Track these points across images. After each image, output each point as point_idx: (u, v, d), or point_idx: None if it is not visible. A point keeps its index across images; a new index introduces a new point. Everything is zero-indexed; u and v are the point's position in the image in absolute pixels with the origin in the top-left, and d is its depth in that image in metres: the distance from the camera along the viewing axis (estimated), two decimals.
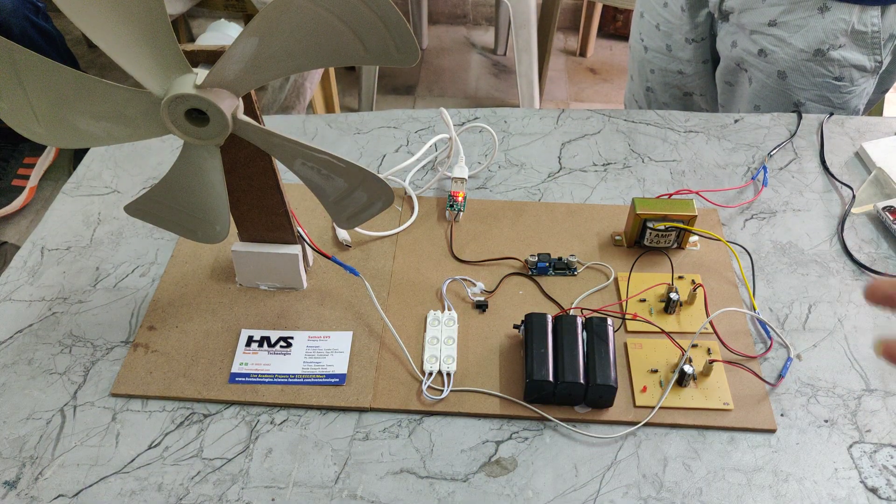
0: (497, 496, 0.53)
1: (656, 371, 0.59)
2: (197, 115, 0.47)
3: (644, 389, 0.58)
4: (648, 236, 0.68)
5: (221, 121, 0.47)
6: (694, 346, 0.61)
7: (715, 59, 1.00)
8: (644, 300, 0.65)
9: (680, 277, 0.67)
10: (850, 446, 0.55)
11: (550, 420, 0.57)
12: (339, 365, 0.60)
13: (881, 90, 0.94)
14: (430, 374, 0.59)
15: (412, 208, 0.76)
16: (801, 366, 0.61)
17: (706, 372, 0.58)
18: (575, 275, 0.68)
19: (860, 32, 0.82)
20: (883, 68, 0.87)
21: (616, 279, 0.67)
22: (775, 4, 0.84)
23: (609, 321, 0.59)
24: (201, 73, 0.46)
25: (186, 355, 0.62)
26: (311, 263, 0.69)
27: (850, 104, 0.89)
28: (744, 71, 0.93)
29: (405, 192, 0.77)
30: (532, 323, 0.59)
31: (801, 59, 0.86)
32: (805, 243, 0.71)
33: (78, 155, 1.78)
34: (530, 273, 0.68)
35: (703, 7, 0.95)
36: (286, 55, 0.44)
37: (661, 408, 0.57)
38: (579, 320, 0.59)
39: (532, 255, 0.68)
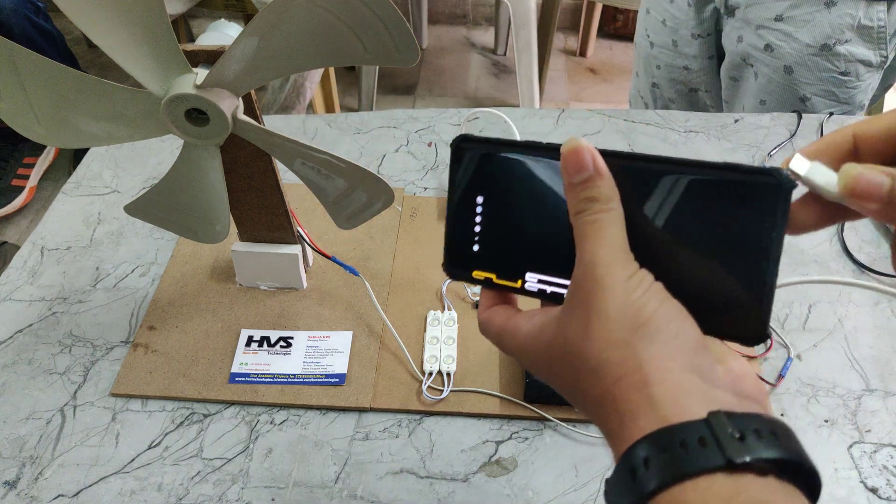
0: (497, 496, 0.53)
1: None
2: (197, 115, 0.47)
3: None
4: None
5: (221, 121, 0.47)
6: None
7: (720, 55, 1.00)
8: None
9: None
10: (850, 446, 0.55)
11: (550, 420, 0.57)
12: (339, 365, 0.60)
13: (885, 86, 0.95)
14: (430, 374, 0.59)
15: (412, 208, 0.76)
16: (801, 366, 0.61)
17: None
18: None
19: (866, 27, 0.82)
20: (888, 63, 0.87)
21: None
22: None
23: None
24: (201, 73, 0.45)
25: (186, 355, 0.62)
26: (310, 263, 0.69)
27: (855, 99, 0.89)
28: (749, 66, 0.93)
29: (405, 192, 0.77)
30: None
31: (807, 54, 0.86)
32: (805, 243, 0.71)
33: (78, 155, 1.78)
34: None
35: (709, 2, 0.95)
36: (286, 55, 0.44)
37: None
38: None
39: None
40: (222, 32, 1.53)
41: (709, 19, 0.97)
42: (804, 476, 0.25)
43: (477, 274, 0.36)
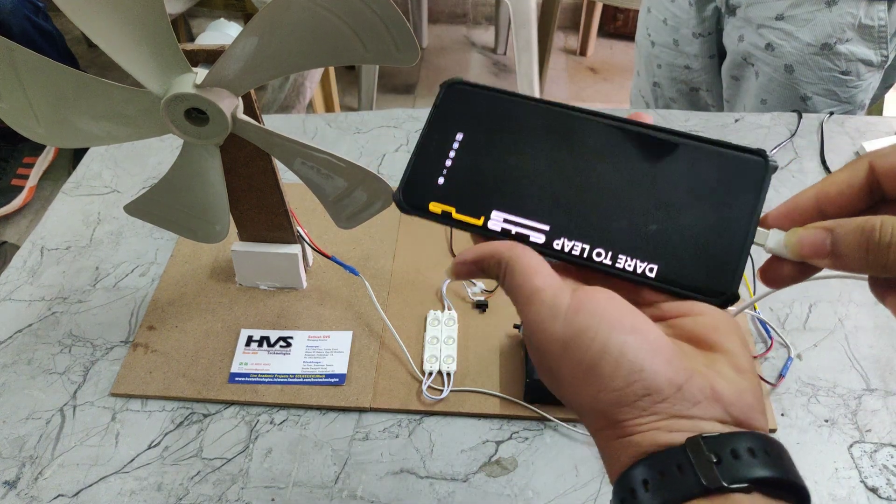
0: (497, 496, 0.53)
1: None
2: (197, 114, 0.47)
3: None
4: None
5: (221, 120, 0.47)
6: None
7: (722, 54, 1.00)
8: None
9: None
10: (851, 446, 0.55)
11: (551, 420, 0.57)
12: (339, 365, 0.60)
13: (886, 85, 0.95)
14: (430, 374, 0.59)
15: None
16: (802, 365, 0.61)
17: None
18: None
19: (867, 27, 0.82)
20: (888, 63, 0.87)
21: None
22: None
23: None
24: (201, 73, 0.45)
25: (186, 355, 0.62)
26: (310, 263, 0.69)
27: (856, 98, 0.89)
28: (750, 65, 0.93)
29: None
30: None
31: (808, 53, 0.86)
32: None
33: (78, 155, 1.78)
34: None
35: (710, 1, 0.95)
36: (286, 55, 0.44)
37: None
38: None
39: None
40: (222, 32, 1.53)
41: (710, 18, 0.97)
42: (794, 488, 0.25)
43: (434, 206, 0.34)
